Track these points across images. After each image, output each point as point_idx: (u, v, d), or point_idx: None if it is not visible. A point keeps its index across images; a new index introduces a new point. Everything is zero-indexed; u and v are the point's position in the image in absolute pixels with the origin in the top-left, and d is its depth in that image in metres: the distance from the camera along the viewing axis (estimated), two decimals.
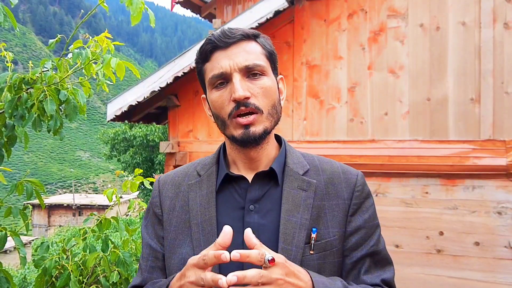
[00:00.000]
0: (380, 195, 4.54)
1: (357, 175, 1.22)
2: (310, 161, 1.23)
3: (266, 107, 1.11)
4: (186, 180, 1.25)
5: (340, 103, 4.74)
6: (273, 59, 1.17)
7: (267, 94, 1.11)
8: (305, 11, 4.89)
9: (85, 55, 2.32)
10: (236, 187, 1.18)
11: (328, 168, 1.22)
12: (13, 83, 2.37)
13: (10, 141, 2.45)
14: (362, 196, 1.19)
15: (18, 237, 2.10)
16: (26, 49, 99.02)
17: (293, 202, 1.13)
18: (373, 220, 1.20)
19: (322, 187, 1.17)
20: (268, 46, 1.16)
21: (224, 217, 1.15)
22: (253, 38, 1.15)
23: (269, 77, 1.13)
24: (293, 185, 1.16)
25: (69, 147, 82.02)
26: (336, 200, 1.16)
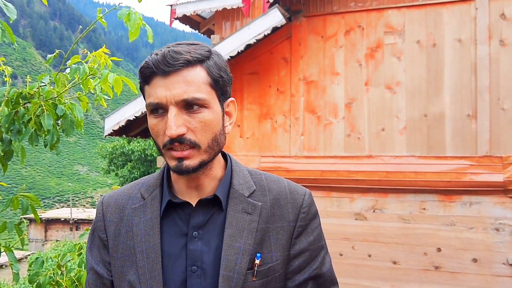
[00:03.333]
0: (377, 211, 4.53)
1: (304, 195, 1.15)
2: (257, 181, 1.16)
3: (204, 141, 1.03)
4: (130, 203, 1.18)
5: (337, 118, 4.75)
6: (221, 85, 1.06)
7: (206, 128, 1.02)
8: (303, 27, 4.93)
9: (82, 70, 2.33)
10: (180, 213, 1.12)
11: (275, 188, 1.15)
12: (10, 97, 2.37)
13: (6, 156, 2.45)
14: (308, 218, 1.13)
15: (11, 253, 2.08)
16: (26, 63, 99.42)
17: (237, 227, 1.08)
18: (318, 242, 1.15)
19: (267, 209, 1.11)
20: (216, 71, 1.05)
21: (168, 244, 1.10)
22: (199, 63, 1.02)
23: (211, 109, 1.03)
24: (237, 208, 1.10)
25: (67, 161, 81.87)
26: (281, 222, 1.11)
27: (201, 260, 1.07)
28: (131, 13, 2.25)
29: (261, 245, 1.08)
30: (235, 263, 1.05)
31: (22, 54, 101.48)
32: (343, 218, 4.66)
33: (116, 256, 1.15)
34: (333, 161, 4.69)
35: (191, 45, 1.05)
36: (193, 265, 1.07)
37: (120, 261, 1.13)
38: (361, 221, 4.60)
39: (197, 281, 1.06)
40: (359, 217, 4.61)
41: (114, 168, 31.44)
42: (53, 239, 35.71)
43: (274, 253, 1.08)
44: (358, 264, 4.58)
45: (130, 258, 1.12)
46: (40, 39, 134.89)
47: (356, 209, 4.63)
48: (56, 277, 2.32)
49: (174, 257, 1.08)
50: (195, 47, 1.04)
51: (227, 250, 1.06)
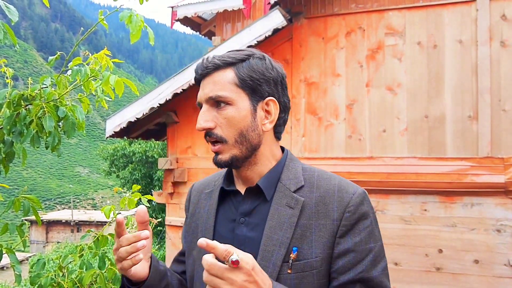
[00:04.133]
0: (378, 212, 4.53)
1: (353, 194, 1.15)
2: (308, 177, 1.20)
3: (231, 136, 1.14)
4: (206, 189, 1.34)
5: (338, 120, 4.76)
6: (250, 84, 1.15)
7: (230, 124, 1.13)
8: (304, 29, 4.94)
9: (84, 72, 2.33)
10: (233, 200, 1.23)
11: (324, 185, 1.17)
12: (12, 99, 2.38)
13: (8, 158, 2.45)
14: (354, 218, 1.12)
15: (13, 254, 2.09)
16: (27, 65, 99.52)
17: (278, 219, 1.13)
18: (366, 243, 1.13)
19: (312, 205, 1.14)
20: (247, 72, 1.15)
21: (220, 227, 1.22)
22: (229, 65, 1.15)
23: (235, 106, 1.14)
24: (281, 201, 1.15)
25: (68, 163, 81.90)
26: (325, 220, 1.12)
27: (244, 245, 1.15)
28: (133, 15, 2.26)
29: (301, 240, 1.11)
30: (272, 254, 1.10)
31: (24, 56, 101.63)
32: None
33: (188, 232, 1.34)
34: (334, 163, 4.69)
35: (236, 51, 1.19)
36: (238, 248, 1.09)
37: (190, 237, 1.32)
38: None
39: None
40: None
41: (115, 169, 31.43)
42: (54, 241, 35.72)
43: (314, 250, 1.10)
44: None
45: (196, 236, 1.27)
46: (41, 41, 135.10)
47: None
48: (57, 279, 2.32)
49: (225, 239, 1.17)
50: (234, 53, 1.18)
51: (266, 240, 1.12)
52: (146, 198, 2.56)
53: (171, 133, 5.47)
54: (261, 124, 1.17)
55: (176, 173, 5.34)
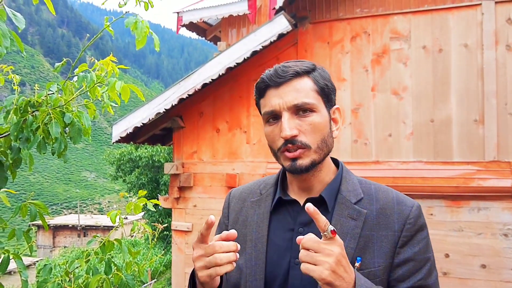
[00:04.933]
0: None
1: (412, 207, 1.20)
2: (365, 189, 1.23)
3: (314, 142, 1.16)
4: (250, 197, 1.34)
5: (344, 124, 4.75)
6: (326, 92, 1.19)
7: (315, 130, 1.16)
8: (309, 34, 4.94)
9: (90, 78, 2.35)
10: (290, 209, 1.24)
11: (383, 197, 1.21)
12: (19, 106, 2.40)
13: (15, 163, 2.47)
14: (414, 229, 1.17)
15: (20, 260, 2.10)
16: (34, 70, 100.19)
17: (341, 230, 1.16)
18: (424, 253, 1.18)
19: (373, 217, 1.18)
20: (321, 81, 1.19)
21: (275, 236, 1.23)
22: (306, 74, 1.18)
23: (319, 113, 1.17)
24: (343, 213, 1.18)
25: (75, 167, 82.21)
26: (386, 231, 1.16)
27: None
28: (138, 21, 2.27)
29: (364, 250, 1.15)
30: None
31: (31, 62, 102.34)
32: None
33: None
34: None
35: (298, 61, 1.22)
36: (297, 258, 1.11)
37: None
38: None
39: (299, 273, 1.13)
40: None
41: (122, 174, 31.51)
42: (61, 245, 35.85)
43: (376, 259, 1.14)
44: None
45: (242, 245, 1.23)
46: (48, 47, 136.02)
47: None
48: (64, 284, 2.33)
49: (280, 248, 1.20)
50: (301, 62, 1.21)
51: None
52: (152, 202, 2.57)
53: (177, 138, 5.49)
54: (333, 131, 1.23)
55: (182, 178, 5.35)
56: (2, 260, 2.05)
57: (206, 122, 5.31)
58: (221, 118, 5.26)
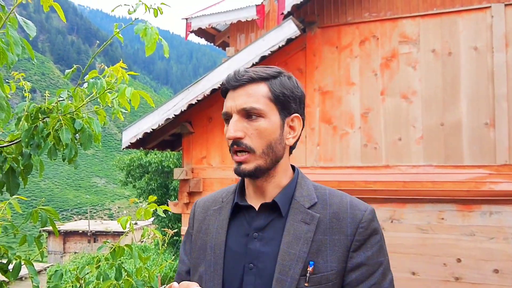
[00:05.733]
0: (395, 221, 4.49)
1: (365, 211, 1.21)
2: (320, 194, 1.25)
3: (259, 147, 1.19)
4: (212, 206, 1.36)
5: (354, 128, 4.74)
6: (282, 100, 1.22)
7: (261, 135, 1.19)
8: (317, 39, 4.94)
9: (100, 85, 2.37)
10: (246, 215, 1.26)
11: (337, 202, 1.23)
12: (30, 112, 2.42)
13: (26, 170, 2.49)
14: (367, 233, 1.19)
15: (31, 266, 2.11)
16: (45, 77, 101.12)
17: (294, 235, 1.18)
18: (377, 257, 1.19)
19: (326, 221, 1.19)
20: (278, 88, 1.21)
21: (232, 242, 1.25)
22: (263, 80, 1.22)
23: (267, 119, 1.19)
24: (297, 217, 1.20)
25: (85, 173, 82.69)
26: (339, 235, 1.18)
27: (257, 259, 1.20)
28: (147, 28, 2.28)
29: (317, 255, 1.17)
30: (289, 268, 1.15)
31: (41, 69, 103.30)
32: None
33: (194, 249, 1.35)
34: (350, 172, 4.67)
35: (266, 67, 1.26)
36: (251, 262, 1.20)
37: (196, 254, 1.33)
38: None
39: (252, 278, 1.19)
40: None
41: (132, 180, 31.65)
42: (72, 251, 36.02)
43: (329, 264, 1.16)
44: None
45: (203, 252, 1.30)
46: (58, 54, 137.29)
47: None
48: None
49: (236, 254, 1.23)
50: (265, 69, 1.24)
51: (283, 255, 1.17)
52: (162, 208, 2.58)
53: (186, 144, 5.50)
54: (286, 138, 1.24)
55: (191, 183, 5.36)
56: (14, 266, 2.06)
57: (215, 127, 5.32)
58: None
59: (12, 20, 1.86)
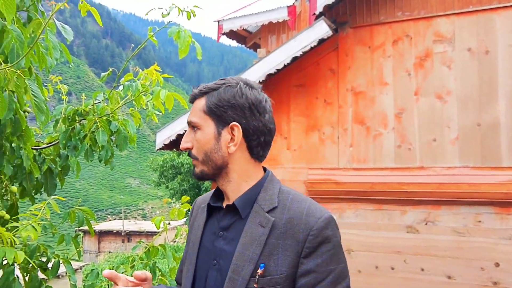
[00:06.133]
0: (429, 224, 4.40)
1: (319, 219, 1.23)
2: (282, 199, 1.29)
3: (199, 155, 1.31)
4: (202, 204, 1.47)
5: (387, 129, 4.67)
6: (216, 112, 1.29)
7: (198, 145, 1.31)
8: (349, 39, 4.90)
9: (135, 87, 2.41)
10: (217, 215, 1.36)
11: (295, 208, 1.26)
12: (67, 115, 2.49)
13: (63, 171, 2.56)
14: (317, 241, 1.20)
15: (69, 265, 2.17)
16: (80, 80, 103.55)
17: (250, 237, 1.24)
18: (327, 265, 1.20)
19: (281, 226, 1.23)
20: (213, 101, 1.30)
21: (205, 240, 1.35)
22: (203, 94, 1.33)
23: (202, 131, 1.30)
24: (255, 220, 1.26)
25: (119, 174, 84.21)
26: (291, 241, 1.21)
27: (220, 257, 1.28)
28: (181, 31, 2.31)
29: (269, 258, 1.21)
30: (242, 268, 1.21)
31: (77, 72, 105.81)
32: (394, 231, 4.55)
33: (188, 244, 1.45)
34: (384, 173, 4.60)
35: (218, 80, 1.35)
36: (215, 259, 1.29)
37: (187, 248, 1.44)
38: (413, 234, 4.48)
39: (214, 274, 1.28)
40: (411, 230, 4.49)
41: (165, 180, 32.10)
42: (106, 250, 36.69)
43: (280, 267, 1.20)
44: (410, 278, 4.45)
45: (190, 248, 1.40)
46: (93, 57, 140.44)
47: (407, 221, 4.51)
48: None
49: (207, 250, 1.33)
50: (213, 83, 1.34)
51: (237, 256, 1.23)
52: None
53: None
54: (226, 146, 1.29)
55: None
56: (53, 264, 2.12)
57: None
58: None
59: (51, 26, 1.92)
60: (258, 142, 1.31)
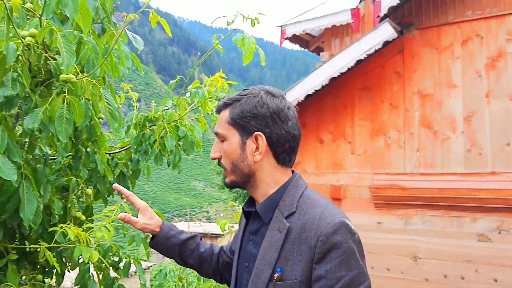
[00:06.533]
0: (503, 232, 4.19)
1: (329, 224, 1.22)
2: (300, 204, 1.30)
3: (227, 165, 1.37)
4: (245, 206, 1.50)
5: (456, 133, 4.51)
6: (239, 122, 1.34)
7: (226, 155, 1.37)
8: (415, 40, 4.78)
9: (201, 94, 2.49)
10: (250, 219, 1.43)
11: (310, 212, 1.26)
12: (138, 121, 2.61)
13: (135, 174, 2.68)
14: (325, 247, 1.20)
15: (140, 265, 2.26)
16: (148, 87, 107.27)
17: (270, 242, 1.28)
18: (336, 272, 1.19)
19: (296, 231, 1.25)
20: (236, 112, 1.34)
21: (243, 243, 1.43)
22: (227, 106, 1.37)
23: (227, 141, 1.35)
24: (275, 225, 1.29)
25: (185, 177, 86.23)
26: (305, 246, 1.23)
27: (249, 259, 1.36)
28: (245, 38, 2.36)
29: (285, 263, 1.24)
30: (262, 272, 1.26)
31: (145, 79, 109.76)
32: (464, 239, 4.37)
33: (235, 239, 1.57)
34: (453, 178, 4.44)
35: (243, 91, 1.40)
36: (246, 262, 1.38)
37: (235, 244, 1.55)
38: (485, 242, 4.28)
39: (246, 276, 1.36)
40: (483, 238, 4.29)
41: None
42: None
43: (294, 272, 1.23)
44: None
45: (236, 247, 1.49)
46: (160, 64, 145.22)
47: (479, 229, 4.32)
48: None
49: (242, 253, 1.42)
50: (236, 94, 1.39)
51: (259, 260, 1.29)
52: None
53: None
54: (252, 155, 1.33)
55: None
56: (125, 264, 2.22)
57: (309, 133, 5.32)
58: (325, 128, 5.24)
59: (122, 36, 2.03)
60: (283, 149, 1.34)
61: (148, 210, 1.63)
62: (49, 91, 1.83)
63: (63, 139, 1.66)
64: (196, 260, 1.65)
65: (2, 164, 1.52)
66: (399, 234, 4.64)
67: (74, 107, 1.67)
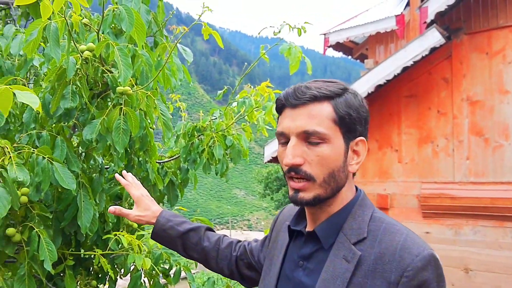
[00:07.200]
0: None
1: (416, 257, 0.98)
2: (373, 228, 1.07)
3: (320, 176, 1.05)
4: (287, 220, 1.26)
5: (509, 140, 4.35)
6: (347, 122, 1.07)
7: (323, 162, 1.05)
8: (464, 46, 4.66)
9: (248, 103, 2.52)
10: (298, 240, 1.18)
11: (387, 240, 1.03)
12: (187, 131, 2.66)
13: (183, 183, 2.73)
14: (412, 284, 0.96)
15: (189, 272, 2.30)
16: (191, 96, 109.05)
17: (333, 272, 1.04)
18: None
19: (370, 262, 1.01)
20: (344, 109, 1.06)
21: (286, 266, 1.17)
22: (327, 99, 1.06)
23: (331, 144, 1.05)
24: (339, 253, 1.05)
25: (226, 185, 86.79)
26: (381, 281, 0.99)
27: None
28: (292, 47, 2.37)
29: None
30: None
31: (188, 89, 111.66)
32: None
33: (267, 256, 1.29)
34: (506, 188, 4.28)
35: (328, 82, 1.10)
36: None
37: (267, 262, 1.27)
38: None
39: None
40: None
41: (269, 192, 32.59)
42: None
43: None
44: None
45: (270, 265, 1.24)
46: (202, 74, 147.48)
47: None
48: None
49: (286, 279, 1.15)
50: (328, 84, 1.09)
51: None
52: None
53: None
54: (349, 164, 1.09)
55: None
56: (175, 271, 2.26)
57: None
58: (370, 136, 5.17)
59: (174, 49, 2.08)
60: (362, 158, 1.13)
61: (143, 201, 1.43)
62: (106, 103, 1.89)
63: (120, 149, 1.71)
64: (200, 254, 1.44)
65: (62, 174, 1.58)
66: (448, 244, 4.51)
67: (130, 118, 1.72)
